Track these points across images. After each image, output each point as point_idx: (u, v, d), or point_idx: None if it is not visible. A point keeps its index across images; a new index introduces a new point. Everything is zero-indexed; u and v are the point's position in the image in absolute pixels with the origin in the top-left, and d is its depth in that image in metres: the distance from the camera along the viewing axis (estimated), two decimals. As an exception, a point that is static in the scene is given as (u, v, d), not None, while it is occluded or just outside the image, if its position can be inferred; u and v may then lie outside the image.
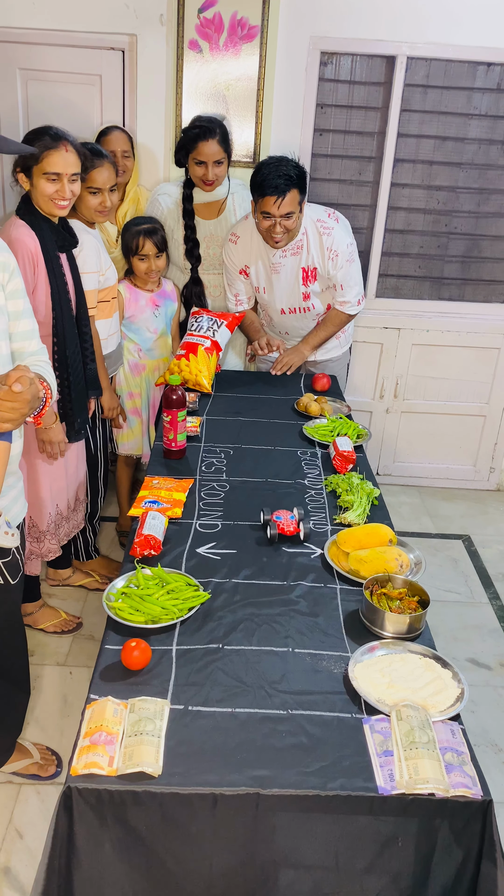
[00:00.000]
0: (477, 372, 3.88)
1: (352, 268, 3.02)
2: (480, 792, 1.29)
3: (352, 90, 3.44)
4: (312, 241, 2.94)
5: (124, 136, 3.09)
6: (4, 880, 1.88)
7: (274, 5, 3.13)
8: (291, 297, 3.06)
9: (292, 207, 2.77)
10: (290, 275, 3.00)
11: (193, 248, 3.13)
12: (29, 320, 1.77)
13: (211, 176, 2.97)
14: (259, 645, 1.61)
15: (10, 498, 1.77)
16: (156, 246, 2.90)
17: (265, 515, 2.03)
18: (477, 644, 2.90)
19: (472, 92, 3.45)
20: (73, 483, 2.69)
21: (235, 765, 1.32)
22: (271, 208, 2.75)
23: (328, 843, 1.30)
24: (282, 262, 2.97)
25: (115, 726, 1.34)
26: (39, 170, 2.23)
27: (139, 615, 1.62)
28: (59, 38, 3.18)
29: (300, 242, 2.93)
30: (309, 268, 2.97)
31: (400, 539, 1.98)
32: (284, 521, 2.00)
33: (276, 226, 2.79)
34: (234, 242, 3.02)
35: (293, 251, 2.95)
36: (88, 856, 1.29)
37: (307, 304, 3.08)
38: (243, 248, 3.01)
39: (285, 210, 2.75)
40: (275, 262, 2.97)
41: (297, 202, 2.79)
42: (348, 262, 2.99)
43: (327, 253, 2.94)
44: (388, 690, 1.47)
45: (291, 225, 2.81)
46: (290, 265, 2.98)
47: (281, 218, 2.77)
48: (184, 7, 3.12)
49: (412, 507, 3.90)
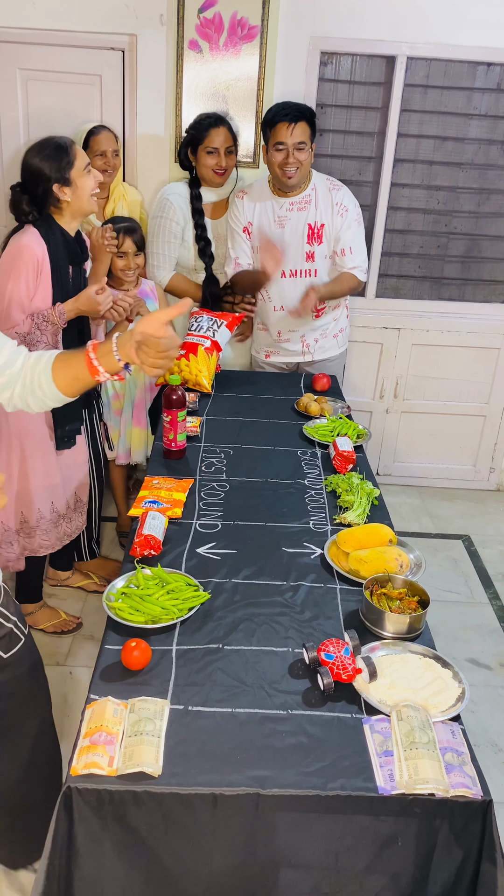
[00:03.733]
0: (477, 372, 3.88)
1: (360, 231, 3.02)
2: (480, 792, 1.29)
3: (352, 90, 3.44)
4: (321, 196, 2.94)
5: (112, 135, 3.10)
6: (4, 880, 1.88)
7: (274, 5, 3.13)
8: (294, 257, 3.01)
9: (304, 138, 2.79)
10: (296, 230, 2.97)
11: (206, 246, 3.12)
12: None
13: (224, 163, 3.01)
14: (259, 645, 1.61)
15: None
16: (135, 244, 2.90)
17: (308, 653, 1.53)
18: (477, 644, 2.90)
19: (472, 92, 3.44)
20: (71, 482, 2.68)
21: (235, 765, 1.32)
22: (284, 135, 2.76)
23: (328, 842, 1.30)
24: (288, 215, 2.95)
25: (115, 726, 1.34)
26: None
27: (139, 615, 1.62)
28: (59, 38, 3.17)
29: (308, 197, 2.94)
30: (316, 225, 2.95)
31: (400, 539, 1.98)
32: (338, 661, 1.50)
33: (289, 156, 2.79)
34: (241, 198, 3.02)
35: (300, 205, 2.94)
36: (88, 856, 1.29)
37: (310, 267, 3.03)
38: (249, 203, 3.00)
39: (297, 138, 2.77)
40: (281, 216, 2.95)
41: (309, 136, 2.81)
42: (357, 223, 2.99)
43: (336, 208, 2.94)
44: (389, 691, 1.47)
45: (304, 158, 2.82)
46: (297, 219, 2.96)
47: (294, 149, 2.78)
48: (184, 7, 3.12)
49: (412, 507, 3.90)
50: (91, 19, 3.15)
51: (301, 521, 2.11)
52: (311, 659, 1.52)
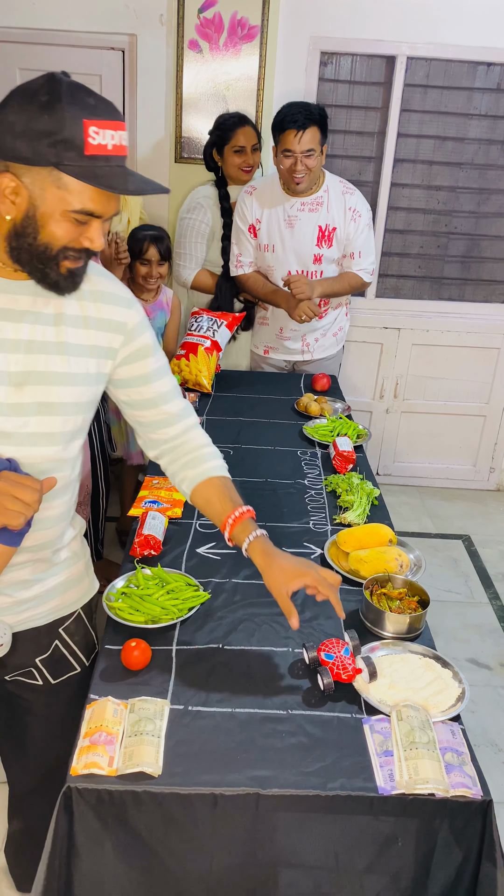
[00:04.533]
0: (477, 372, 3.88)
1: (370, 235, 3.01)
2: (480, 792, 1.29)
3: (352, 90, 3.44)
4: (334, 199, 2.91)
5: None
6: (4, 880, 1.88)
7: (274, 5, 3.13)
8: (301, 258, 2.97)
9: (313, 144, 2.72)
10: (306, 232, 2.93)
11: (230, 245, 3.12)
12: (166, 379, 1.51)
13: (251, 161, 3.06)
14: (259, 645, 1.61)
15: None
16: (159, 253, 2.89)
17: (308, 653, 1.52)
18: (477, 644, 2.90)
19: (472, 92, 3.45)
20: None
21: (235, 765, 1.32)
22: (292, 143, 2.70)
23: (328, 843, 1.30)
24: (299, 215, 2.91)
25: (115, 726, 1.34)
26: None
27: (139, 615, 1.62)
28: (59, 38, 3.18)
29: (320, 199, 2.90)
30: (327, 227, 2.91)
31: (400, 539, 1.98)
32: (338, 661, 1.49)
33: (297, 163, 2.74)
34: (250, 193, 2.97)
35: (311, 206, 2.91)
36: (88, 856, 1.29)
37: (316, 269, 2.99)
38: (258, 199, 2.95)
39: (306, 146, 2.71)
40: (291, 215, 2.91)
41: (318, 142, 2.74)
42: (368, 228, 2.98)
43: (350, 213, 2.91)
44: (389, 691, 1.47)
45: (313, 164, 2.76)
46: (307, 221, 2.92)
47: (302, 155, 2.73)
48: (184, 7, 3.12)
49: (412, 507, 3.90)
50: (91, 19, 3.15)
51: (301, 521, 2.11)
52: (311, 659, 1.52)
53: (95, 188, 1.11)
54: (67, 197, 1.11)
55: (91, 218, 1.14)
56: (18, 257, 1.17)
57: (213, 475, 1.54)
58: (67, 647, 1.54)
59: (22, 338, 1.24)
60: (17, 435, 1.26)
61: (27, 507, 1.17)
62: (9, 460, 1.24)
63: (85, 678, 1.54)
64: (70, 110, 1.08)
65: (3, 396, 1.23)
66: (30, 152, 1.08)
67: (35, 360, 1.25)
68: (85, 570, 1.58)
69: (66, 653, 1.54)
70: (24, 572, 1.39)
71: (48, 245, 1.15)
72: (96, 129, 1.09)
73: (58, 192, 1.11)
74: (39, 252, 1.15)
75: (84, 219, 1.14)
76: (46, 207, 1.12)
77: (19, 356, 1.24)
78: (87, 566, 1.60)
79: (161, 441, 1.54)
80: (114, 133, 1.11)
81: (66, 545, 1.49)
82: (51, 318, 1.27)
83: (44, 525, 1.35)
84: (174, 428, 1.53)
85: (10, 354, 1.23)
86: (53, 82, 1.10)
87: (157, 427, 1.52)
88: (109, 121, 1.11)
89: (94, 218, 1.15)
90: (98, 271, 1.35)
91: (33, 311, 1.25)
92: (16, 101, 1.10)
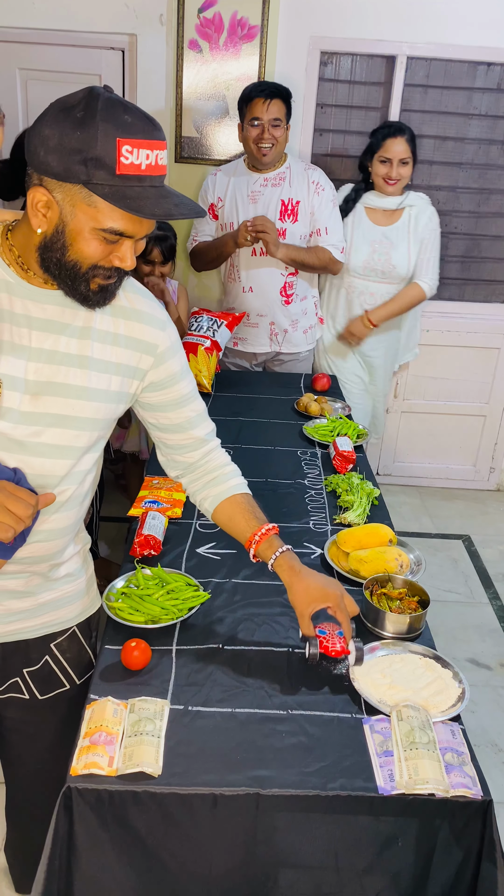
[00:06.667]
0: (477, 372, 3.88)
1: (336, 213, 3.03)
2: (480, 792, 1.29)
3: (352, 90, 3.44)
4: (296, 173, 2.96)
5: None
6: (4, 880, 1.88)
7: (274, 5, 3.13)
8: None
9: (280, 115, 2.82)
10: (269, 206, 2.96)
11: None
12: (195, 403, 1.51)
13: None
14: (259, 645, 1.61)
15: None
16: (162, 254, 2.89)
17: (310, 648, 1.55)
18: (477, 644, 2.90)
19: (472, 92, 3.45)
20: None
21: (235, 765, 1.31)
22: (260, 110, 2.79)
23: (328, 843, 1.30)
24: (262, 190, 2.96)
25: (115, 726, 1.34)
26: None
27: (139, 615, 1.62)
28: (58, 38, 3.18)
29: (283, 174, 2.96)
30: (290, 201, 2.94)
31: (400, 539, 1.98)
32: (329, 637, 1.55)
33: (264, 131, 2.82)
34: (215, 175, 3.05)
35: (274, 182, 2.96)
36: (88, 856, 1.29)
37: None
38: (222, 178, 3.02)
39: (273, 115, 2.80)
40: (254, 191, 2.96)
41: (284, 115, 2.84)
42: (332, 204, 3.00)
43: (312, 186, 2.96)
44: (389, 691, 1.47)
45: (279, 134, 2.85)
46: (270, 195, 2.96)
47: (269, 124, 2.81)
48: (184, 7, 3.12)
49: (412, 507, 3.90)
50: (91, 19, 3.15)
51: (301, 521, 2.11)
52: (311, 654, 1.51)
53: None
54: (97, 215, 1.09)
55: (122, 237, 1.13)
56: (48, 269, 1.17)
57: (236, 493, 1.55)
58: (58, 663, 1.52)
59: (45, 347, 1.23)
60: (28, 444, 1.25)
61: (18, 521, 1.14)
62: (14, 470, 1.22)
63: (75, 697, 1.53)
64: (104, 128, 1.04)
65: (18, 403, 1.22)
66: (61, 168, 1.07)
67: (55, 371, 1.24)
68: (85, 588, 1.55)
69: (55, 669, 1.51)
70: (17, 583, 1.37)
71: (77, 262, 1.14)
72: (129, 148, 1.06)
73: (88, 209, 1.09)
74: (69, 268, 1.14)
75: (114, 238, 1.12)
76: (76, 224, 1.10)
77: (40, 365, 1.23)
78: (89, 583, 1.56)
79: (185, 463, 1.56)
80: (149, 152, 1.08)
81: (66, 561, 1.46)
82: (77, 330, 1.26)
83: (40, 537, 1.32)
84: (199, 452, 1.54)
85: (30, 362, 1.22)
86: (91, 97, 1.07)
87: (183, 451, 1.53)
88: (145, 139, 1.07)
89: (125, 238, 1.13)
90: (136, 289, 1.34)
91: (60, 322, 1.24)
92: (52, 115, 1.08)
